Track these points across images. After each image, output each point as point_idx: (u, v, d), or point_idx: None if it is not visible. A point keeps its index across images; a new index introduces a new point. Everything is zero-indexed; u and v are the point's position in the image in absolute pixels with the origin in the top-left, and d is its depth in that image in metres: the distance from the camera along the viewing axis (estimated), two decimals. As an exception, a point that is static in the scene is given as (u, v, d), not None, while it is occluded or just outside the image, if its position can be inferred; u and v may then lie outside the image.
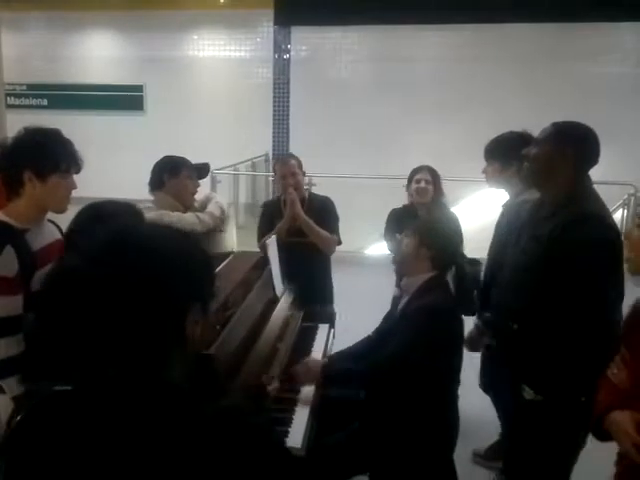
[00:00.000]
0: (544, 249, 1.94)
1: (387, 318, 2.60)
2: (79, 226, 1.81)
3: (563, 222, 1.92)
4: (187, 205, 2.74)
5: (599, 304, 1.87)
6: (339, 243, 3.36)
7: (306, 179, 3.48)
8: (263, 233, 3.33)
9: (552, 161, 2.01)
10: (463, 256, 3.35)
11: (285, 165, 3.33)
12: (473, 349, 2.83)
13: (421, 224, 2.42)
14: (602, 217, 1.92)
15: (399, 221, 3.42)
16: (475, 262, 3.35)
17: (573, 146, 1.99)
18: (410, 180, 3.51)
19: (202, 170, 2.78)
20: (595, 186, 2.07)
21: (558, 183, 2.00)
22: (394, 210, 3.62)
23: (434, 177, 3.48)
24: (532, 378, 2.01)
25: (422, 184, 3.42)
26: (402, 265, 2.42)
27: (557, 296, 1.90)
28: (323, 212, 3.33)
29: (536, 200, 2.19)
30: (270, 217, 3.39)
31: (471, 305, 3.07)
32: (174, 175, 2.67)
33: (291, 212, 3.21)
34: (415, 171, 3.51)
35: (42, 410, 0.90)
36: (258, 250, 3.17)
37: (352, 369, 2.31)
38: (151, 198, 2.84)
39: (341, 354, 2.57)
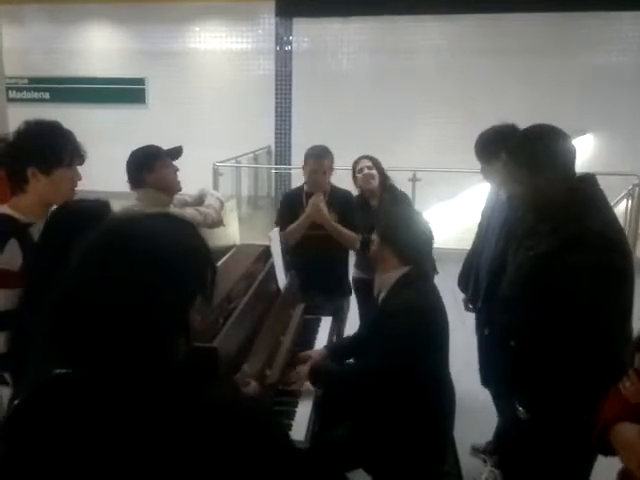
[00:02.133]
0: (542, 269, 1.84)
1: (371, 311, 2.57)
2: (57, 235, 1.68)
3: (561, 242, 1.81)
4: (174, 191, 2.71)
5: (600, 327, 1.78)
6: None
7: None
8: (285, 222, 3.30)
9: (534, 185, 1.87)
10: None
11: (318, 162, 3.26)
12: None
13: (380, 222, 2.36)
14: (602, 235, 1.78)
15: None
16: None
17: (540, 160, 1.85)
18: (354, 172, 3.61)
19: (174, 153, 2.74)
20: (598, 177, 1.94)
21: (552, 199, 1.87)
22: None
23: (375, 163, 3.59)
24: (528, 398, 1.93)
25: (366, 171, 3.53)
26: (373, 263, 2.40)
27: (557, 316, 1.82)
28: (345, 207, 3.32)
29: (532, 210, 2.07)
30: (292, 207, 3.36)
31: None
32: (150, 170, 2.63)
33: (316, 219, 3.20)
34: (355, 163, 3.64)
35: (43, 393, 0.90)
36: (260, 243, 3.17)
37: (336, 376, 2.31)
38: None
39: (332, 350, 2.57)
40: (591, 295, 1.75)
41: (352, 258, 3.55)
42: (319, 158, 3.26)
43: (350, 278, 3.57)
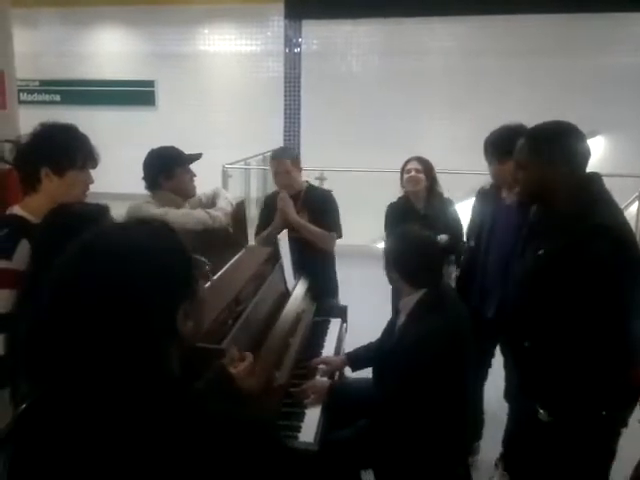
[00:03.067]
0: (556, 267, 1.83)
1: (390, 327, 2.49)
2: (50, 237, 1.70)
3: (574, 238, 1.79)
4: (190, 195, 2.73)
5: (618, 320, 1.76)
6: (339, 237, 3.35)
7: (317, 173, 3.48)
8: (261, 227, 3.36)
9: (543, 178, 1.86)
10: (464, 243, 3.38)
11: (278, 163, 3.31)
12: None
13: (386, 246, 2.30)
14: (614, 229, 1.77)
15: (397, 216, 3.43)
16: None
17: (554, 153, 1.85)
18: (402, 172, 3.53)
19: (194, 159, 2.74)
20: (608, 179, 1.93)
21: (561, 196, 1.86)
22: (391, 205, 3.59)
23: (425, 166, 3.48)
24: (546, 399, 1.91)
25: (412, 173, 3.44)
26: (397, 286, 2.39)
27: (572, 313, 1.80)
28: (321, 206, 3.31)
29: (540, 208, 2.06)
30: (269, 212, 3.41)
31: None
32: (170, 177, 2.63)
33: (282, 217, 3.22)
34: (405, 162, 3.54)
35: (45, 402, 0.90)
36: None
37: (357, 400, 2.25)
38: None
39: (352, 359, 2.55)
40: (609, 288, 1.74)
41: (352, 260, 3.50)
42: (279, 159, 3.32)
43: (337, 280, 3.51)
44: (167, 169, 2.63)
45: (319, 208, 3.29)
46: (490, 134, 2.74)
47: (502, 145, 2.57)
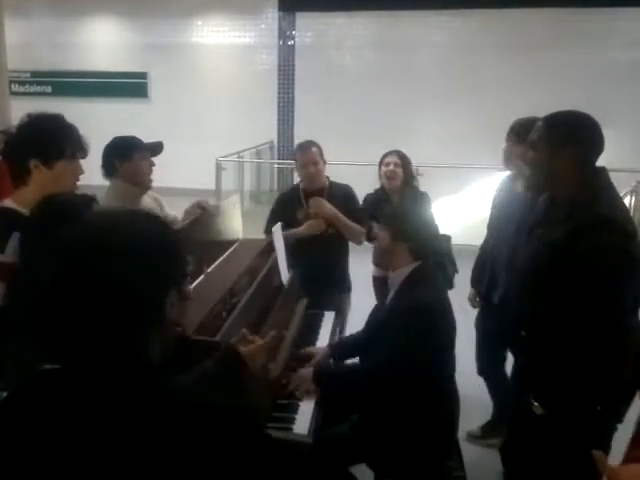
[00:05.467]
0: (555, 256, 1.82)
1: (376, 310, 2.53)
2: (39, 225, 1.65)
3: (575, 228, 1.79)
4: (145, 186, 2.66)
5: (614, 312, 1.76)
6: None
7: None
8: (274, 219, 3.25)
9: (553, 161, 1.86)
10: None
11: (306, 153, 3.24)
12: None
13: (391, 216, 2.34)
14: (615, 221, 1.77)
15: (372, 207, 3.42)
16: (447, 238, 3.45)
17: (569, 138, 1.84)
18: (380, 164, 3.55)
19: (154, 147, 2.70)
20: None
21: (567, 183, 1.86)
22: (367, 196, 3.63)
23: (403, 161, 3.51)
24: (540, 391, 1.91)
25: (391, 167, 3.46)
26: (382, 260, 2.39)
27: (569, 304, 1.80)
28: (346, 201, 3.28)
29: (547, 198, 2.05)
30: (287, 205, 3.34)
31: (449, 281, 3.32)
32: (127, 159, 2.58)
33: (326, 216, 3.17)
34: (384, 155, 3.56)
35: (27, 390, 0.92)
36: (263, 238, 3.16)
37: (341, 376, 2.29)
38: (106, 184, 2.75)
39: (335, 349, 2.55)
40: (606, 279, 1.74)
41: (354, 255, 3.51)
42: (306, 151, 3.25)
43: (349, 274, 3.54)
44: (123, 152, 2.59)
45: (344, 203, 3.26)
46: (517, 119, 2.75)
47: (527, 126, 2.58)
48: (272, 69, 9.46)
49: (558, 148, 1.85)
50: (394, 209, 2.57)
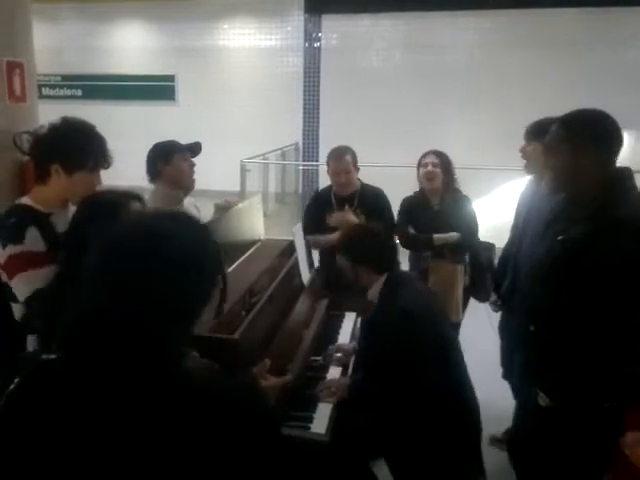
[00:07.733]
0: (573, 253, 1.80)
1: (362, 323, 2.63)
2: (85, 223, 1.73)
3: (596, 229, 1.76)
4: (188, 187, 2.76)
5: (627, 311, 1.74)
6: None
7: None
8: (311, 220, 3.32)
9: (574, 164, 1.82)
10: (480, 242, 3.34)
11: (339, 162, 3.21)
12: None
13: (341, 244, 2.39)
14: (637, 223, 1.74)
15: (410, 211, 3.36)
16: (490, 246, 3.35)
17: (587, 138, 1.80)
18: (418, 165, 3.37)
19: (194, 147, 2.79)
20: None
21: (589, 184, 1.82)
22: (405, 199, 3.47)
23: (442, 161, 3.31)
24: (548, 384, 1.89)
25: (429, 167, 3.28)
26: (356, 286, 2.40)
27: (582, 301, 1.78)
28: (376, 205, 3.25)
29: (567, 195, 2.00)
30: (319, 205, 3.35)
31: (486, 291, 3.19)
32: (168, 162, 2.69)
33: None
34: (423, 156, 3.37)
35: (34, 380, 0.91)
36: (285, 238, 3.18)
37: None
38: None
39: None
40: (621, 280, 1.71)
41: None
42: (338, 158, 3.22)
43: None
44: (164, 155, 2.70)
45: (374, 207, 3.23)
46: (542, 120, 2.69)
47: (547, 124, 2.56)
48: (298, 71, 9.49)
49: (577, 152, 1.81)
50: (344, 231, 2.58)
